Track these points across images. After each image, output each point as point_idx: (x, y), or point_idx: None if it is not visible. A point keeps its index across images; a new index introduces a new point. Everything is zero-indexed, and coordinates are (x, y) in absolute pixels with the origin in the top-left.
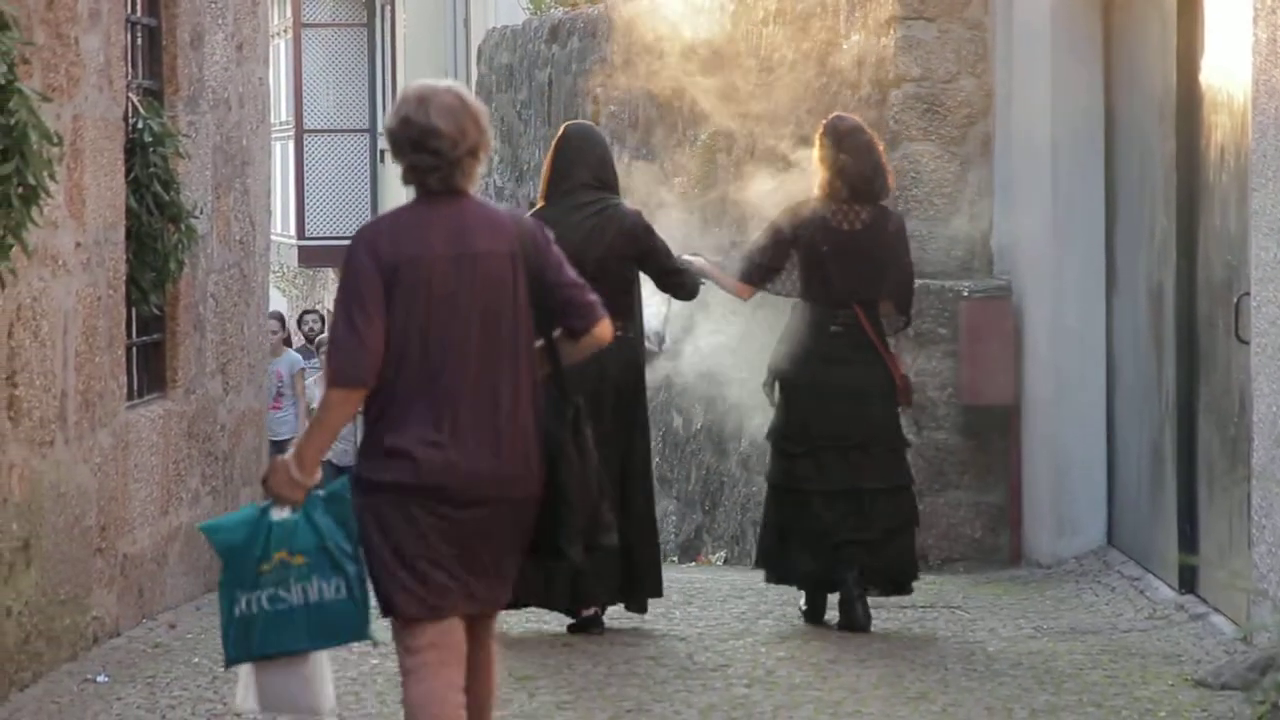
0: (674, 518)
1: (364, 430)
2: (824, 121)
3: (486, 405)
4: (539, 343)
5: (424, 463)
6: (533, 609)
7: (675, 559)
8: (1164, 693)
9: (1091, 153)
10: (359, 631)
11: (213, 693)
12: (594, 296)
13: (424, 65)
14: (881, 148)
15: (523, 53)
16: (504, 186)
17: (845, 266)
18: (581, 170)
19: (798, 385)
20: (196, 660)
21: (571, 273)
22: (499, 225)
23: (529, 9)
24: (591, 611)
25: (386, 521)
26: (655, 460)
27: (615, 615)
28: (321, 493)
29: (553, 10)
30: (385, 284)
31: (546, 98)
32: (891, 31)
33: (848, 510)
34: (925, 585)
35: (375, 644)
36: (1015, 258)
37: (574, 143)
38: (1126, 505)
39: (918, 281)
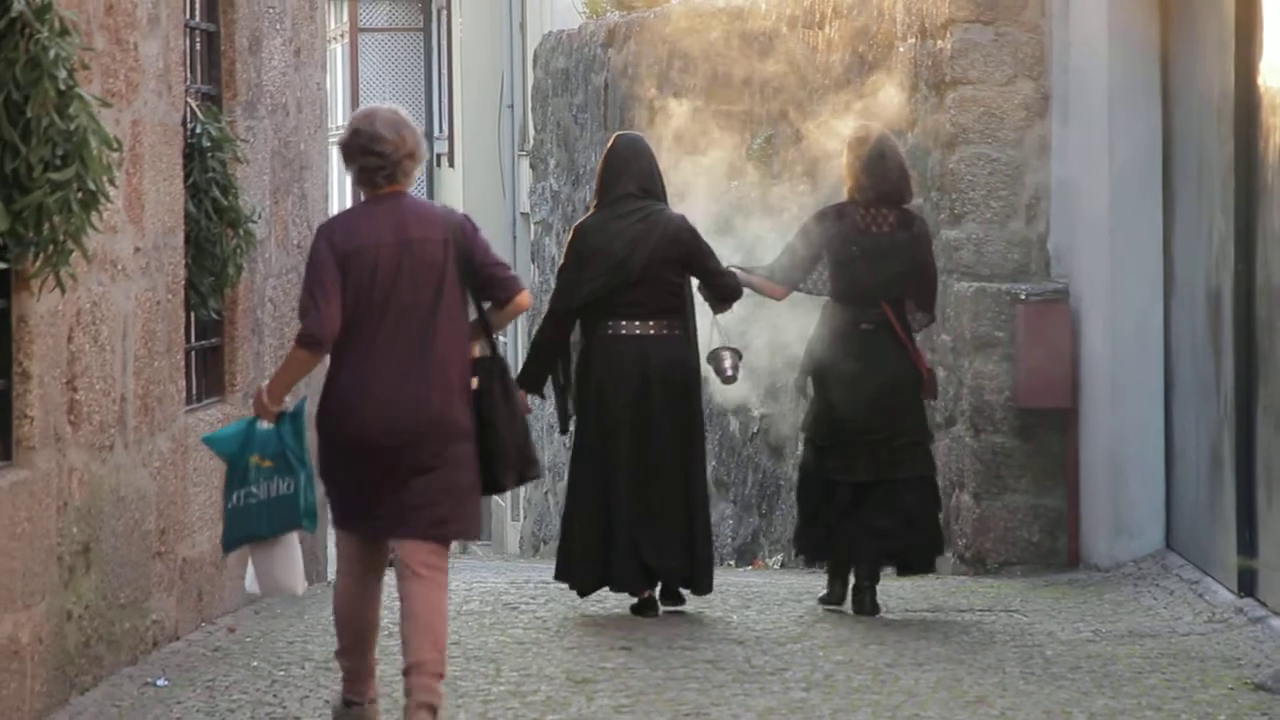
0: (731, 521)
1: (325, 377)
2: (852, 130)
3: (420, 360)
4: (473, 315)
5: (367, 408)
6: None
7: (732, 563)
8: (1223, 696)
9: (1149, 155)
10: (298, 522)
11: (272, 696)
12: (514, 274)
13: (480, 70)
14: (905, 154)
15: (578, 57)
16: (560, 190)
17: (873, 267)
18: (629, 179)
19: (829, 380)
20: (255, 664)
21: (495, 255)
22: (432, 217)
23: (585, 13)
24: (647, 595)
25: (333, 458)
26: (712, 464)
27: (672, 620)
28: (290, 410)
29: (609, 14)
30: (340, 268)
31: (602, 102)
32: (949, 35)
33: (874, 499)
34: (983, 588)
35: (311, 531)
36: (1073, 261)
37: (622, 154)
38: (1185, 508)
39: (974, 285)
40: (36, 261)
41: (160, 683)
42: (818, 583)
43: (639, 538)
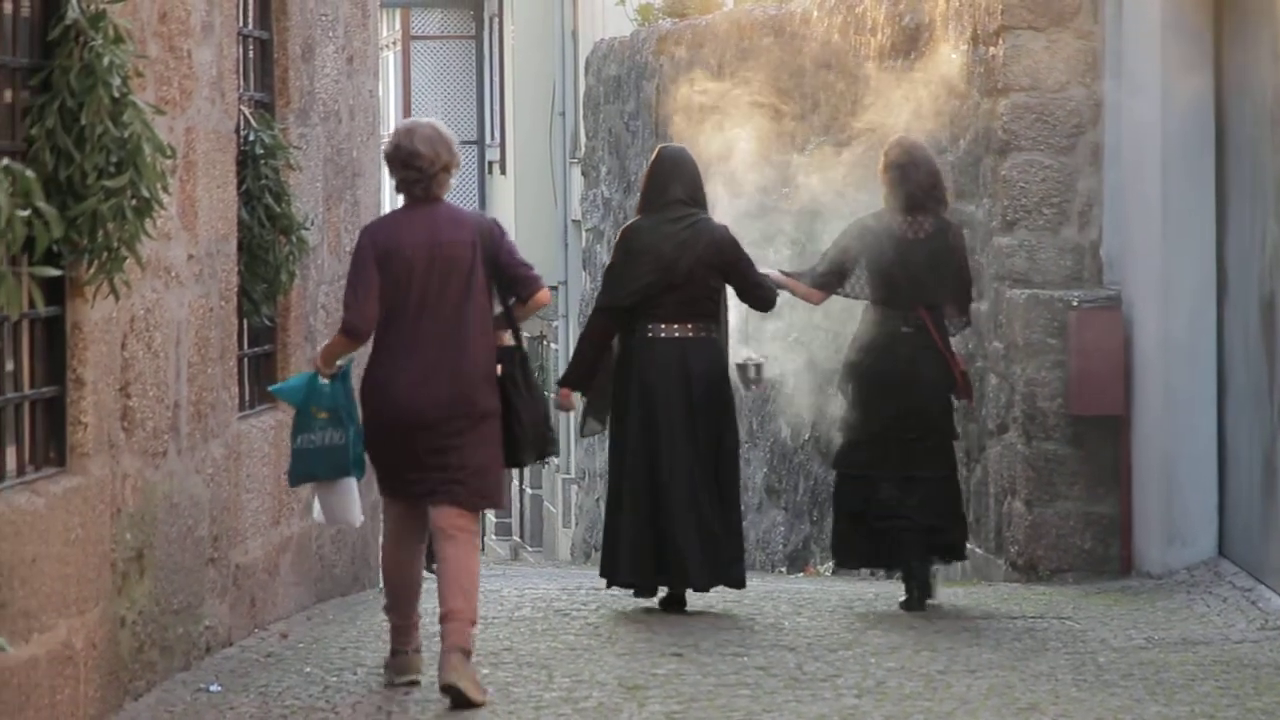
0: (782, 528)
1: (368, 361)
2: (888, 141)
3: (449, 348)
4: (498, 310)
5: (401, 391)
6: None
7: (784, 569)
8: (1276, 704)
9: (1202, 161)
10: (348, 470)
11: (324, 702)
12: (535, 273)
13: (532, 77)
14: (938, 164)
15: (630, 64)
16: (611, 198)
17: (910, 273)
18: (675, 188)
19: (866, 381)
20: (308, 670)
21: (520, 257)
22: (462, 222)
23: (636, 20)
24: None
25: (374, 435)
26: (764, 470)
27: (723, 627)
28: (342, 369)
29: (660, 21)
30: (380, 265)
31: (654, 109)
32: (1000, 41)
33: (903, 493)
34: (1035, 595)
35: (359, 478)
36: (1125, 267)
37: (667, 165)
38: (1238, 516)
39: (1027, 292)
40: (91, 268)
41: (213, 688)
42: (870, 590)
43: (677, 533)
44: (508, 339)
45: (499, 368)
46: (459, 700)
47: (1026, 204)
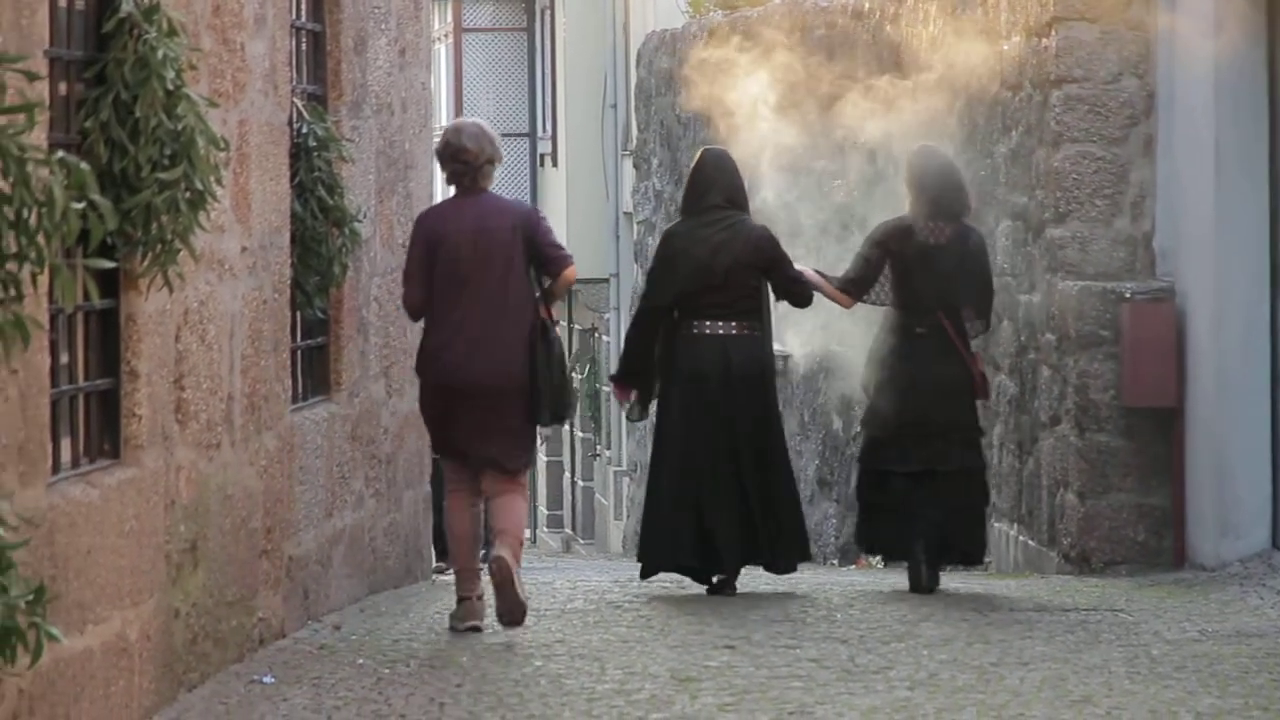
0: (834, 521)
1: (421, 333)
2: (911, 149)
3: (491, 322)
4: (537, 293)
5: (449, 360)
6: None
7: (835, 562)
8: None
9: (1255, 152)
10: None
11: (377, 694)
12: (566, 253)
13: (583, 69)
14: (962, 170)
15: (682, 56)
16: (663, 190)
17: (931, 277)
18: (716, 191)
19: (888, 380)
20: (361, 661)
21: (553, 239)
22: (504, 210)
23: (688, 12)
24: (725, 576)
25: (426, 397)
26: (815, 463)
27: (775, 619)
28: None
29: (712, 13)
30: (431, 250)
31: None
32: (1053, 33)
33: (924, 488)
34: (1088, 588)
35: None
36: (1178, 259)
37: (708, 169)
38: None
39: (1079, 284)
40: (144, 261)
41: (267, 680)
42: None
43: (710, 517)
44: (541, 314)
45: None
46: (502, 568)
47: (1079, 195)
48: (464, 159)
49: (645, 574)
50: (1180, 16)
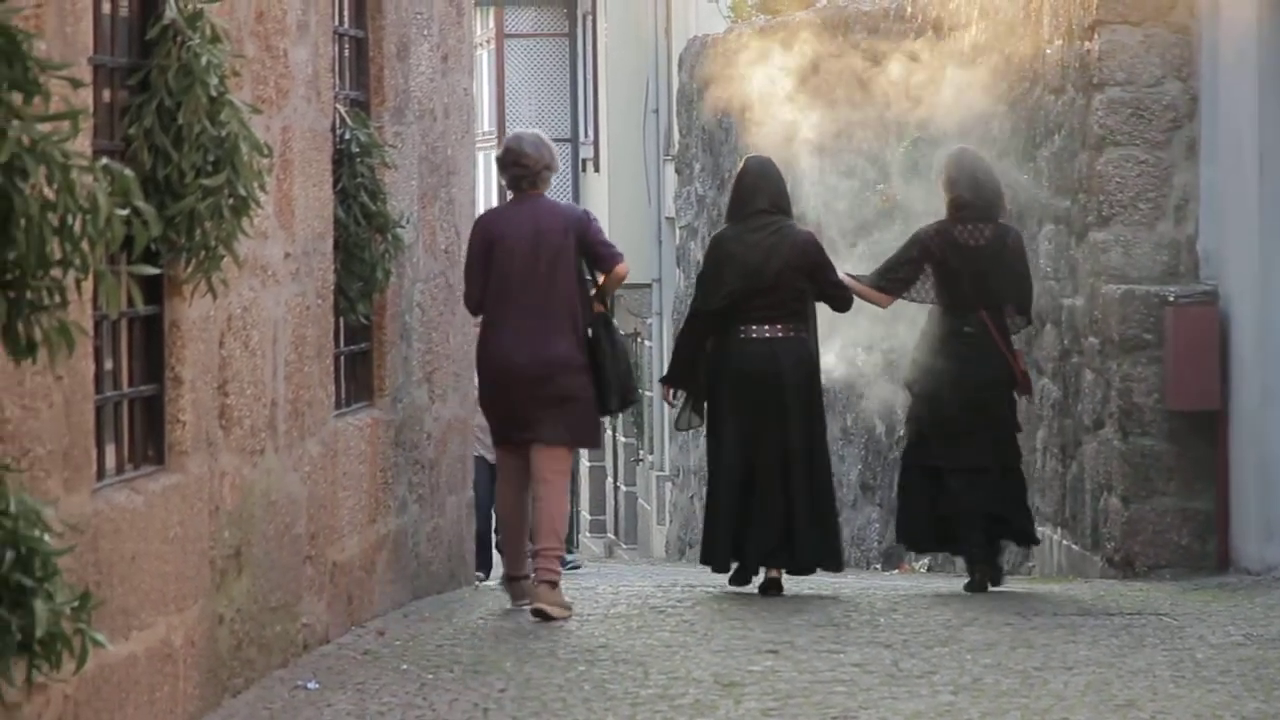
0: (877, 525)
1: (481, 328)
2: (948, 152)
3: (544, 316)
4: (592, 290)
5: (505, 351)
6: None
7: (879, 566)
8: None
9: None
10: None
11: (421, 699)
12: (617, 251)
13: (625, 74)
14: (998, 172)
15: (724, 61)
16: (705, 195)
17: (972, 277)
18: (760, 197)
19: (932, 379)
20: (405, 667)
21: (604, 238)
22: (559, 213)
23: (730, 17)
24: (776, 574)
25: (483, 387)
26: (858, 467)
27: (818, 623)
28: None
29: (754, 18)
30: (489, 250)
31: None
32: (1096, 36)
33: (969, 484)
34: (1132, 592)
35: None
36: (1221, 262)
37: (752, 177)
38: None
39: (1122, 287)
40: (188, 267)
41: (311, 685)
42: (962, 585)
43: (760, 518)
44: (598, 308)
45: (589, 331)
46: (545, 618)
47: (1122, 199)
48: (524, 164)
49: (718, 570)
50: (1223, 19)
